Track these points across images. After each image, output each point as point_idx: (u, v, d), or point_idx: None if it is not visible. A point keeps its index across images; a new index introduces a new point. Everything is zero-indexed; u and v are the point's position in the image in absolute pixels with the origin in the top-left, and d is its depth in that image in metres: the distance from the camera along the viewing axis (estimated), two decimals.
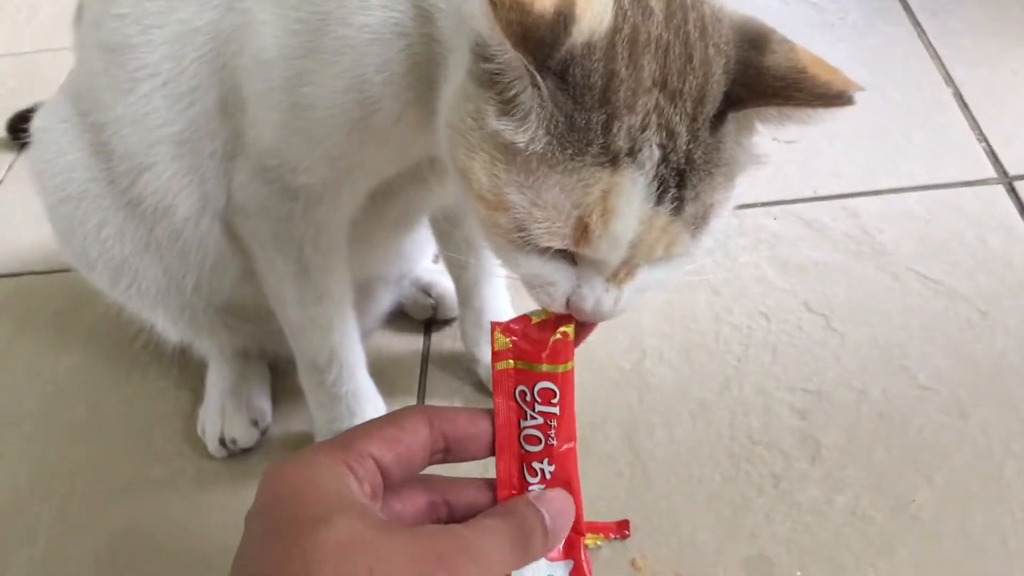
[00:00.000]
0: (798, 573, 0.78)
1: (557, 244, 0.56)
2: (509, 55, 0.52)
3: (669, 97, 0.54)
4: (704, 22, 0.56)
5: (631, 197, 0.54)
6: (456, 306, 1.01)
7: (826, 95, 0.55)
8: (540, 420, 0.62)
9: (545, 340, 0.61)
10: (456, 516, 0.61)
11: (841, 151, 1.21)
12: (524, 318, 0.62)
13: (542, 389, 0.61)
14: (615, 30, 0.53)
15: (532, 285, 0.60)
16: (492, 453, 0.62)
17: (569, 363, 0.62)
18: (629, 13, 0.54)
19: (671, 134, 0.54)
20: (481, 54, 0.54)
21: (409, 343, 1.05)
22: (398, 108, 0.66)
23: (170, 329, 0.95)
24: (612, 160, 0.53)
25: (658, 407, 0.93)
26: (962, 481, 0.83)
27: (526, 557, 0.59)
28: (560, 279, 0.59)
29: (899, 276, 1.04)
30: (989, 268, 1.03)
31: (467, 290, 0.96)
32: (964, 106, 1.26)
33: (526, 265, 0.58)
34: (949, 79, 1.31)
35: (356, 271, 0.88)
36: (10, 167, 1.39)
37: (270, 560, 0.51)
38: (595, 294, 0.59)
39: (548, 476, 0.62)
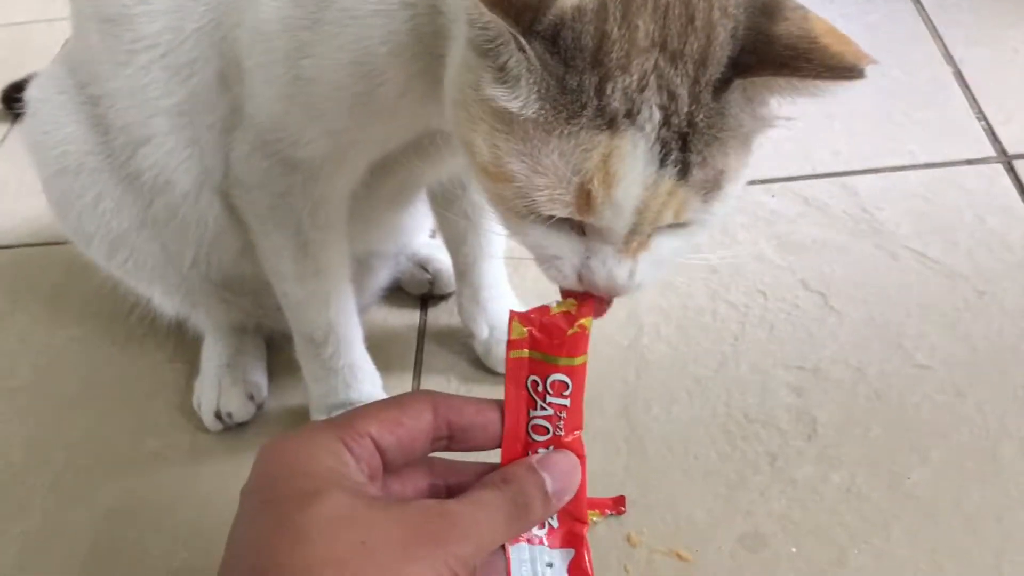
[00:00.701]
0: (793, 549, 0.78)
1: (560, 212, 0.55)
2: (489, 18, 0.51)
3: (669, 58, 0.53)
4: None
5: (633, 160, 0.53)
6: (453, 281, 1.01)
7: (837, 67, 0.53)
8: (550, 411, 0.61)
9: (563, 332, 0.60)
10: None
11: (841, 129, 1.20)
12: (544, 308, 0.61)
13: (555, 381, 0.61)
14: None
15: (542, 259, 0.59)
16: (498, 445, 0.61)
17: (583, 356, 0.61)
18: None
19: (672, 95, 0.53)
20: (472, 21, 0.53)
21: (405, 318, 1.04)
22: (403, 80, 0.66)
23: (166, 303, 0.95)
24: (610, 123, 0.52)
25: (655, 384, 0.93)
26: (958, 459, 0.83)
27: (524, 525, 0.59)
28: (568, 252, 0.58)
29: (897, 255, 1.03)
30: (987, 247, 1.03)
31: (465, 265, 0.95)
32: (964, 84, 1.25)
33: (532, 236, 0.58)
34: (949, 57, 1.31)
35: (355, 246, 0.88)
36: (3, 138, 1.39)
37: (263, 534, 0.51)
38: (606, 266, 0.57)
39: None
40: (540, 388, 0.61)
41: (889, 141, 1.18)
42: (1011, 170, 1.12)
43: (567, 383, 0.61)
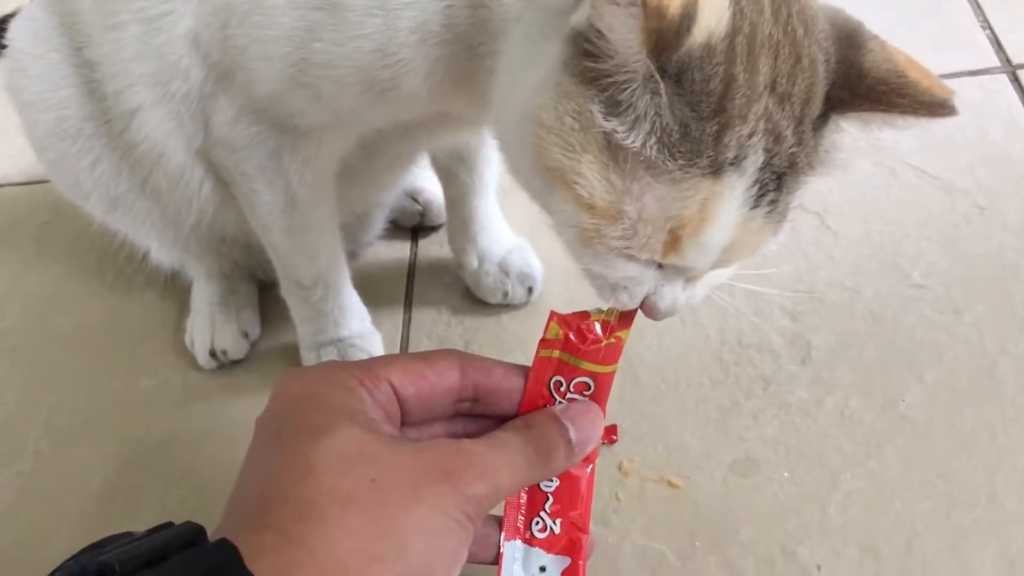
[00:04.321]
0: (785, 474, 0.77)
1: (648, 255, 0.54)
2: (624, 58, 0.48)
3: (778, 100, 0.51)
4: (806, 17, 0.53)
5: (729, 204, 0.52)
6: (443, 212, 0.99)
7: (930, 103, 0.53)
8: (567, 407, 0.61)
9: (598, 342, 0.59)
10: None
11: None
12: (583, 315, 0.60)
13: (578, 383, 0.60)
14: (735, 30, 0.49)
15: (616, 287, 0.57)
16: (520, 413, 0.61)
17: (614, 365, 0.60)
18: (747, 10, 0.50)
19: (778, 138, 0.51)
20: (586, 50, 0.50)
21: (396, 251, 1.03)
22: (428, 65, 0.63)
23: (163, 255, 0.94)
24: (717, 170, 0.51)
25: None
26: (953, 379, 0.82)
27: (545, 472, 0.58)
28: (647, 280, 0.57)
29: (896, 171, 1.01)
30: (989, 162, 1.00)
31: (455, 198, 0.93)
32: None
33: (621, 270, 0.56)
34: None
35: (354, 205, 0.88)
36: None
37: (273, 465, 0.51)
38: (674, 293, 0.57)
39: None
40: (563, 388, 0.60)
41: None
42: (1015, 80, 1.09)
43: (589, 384, 0.61)
